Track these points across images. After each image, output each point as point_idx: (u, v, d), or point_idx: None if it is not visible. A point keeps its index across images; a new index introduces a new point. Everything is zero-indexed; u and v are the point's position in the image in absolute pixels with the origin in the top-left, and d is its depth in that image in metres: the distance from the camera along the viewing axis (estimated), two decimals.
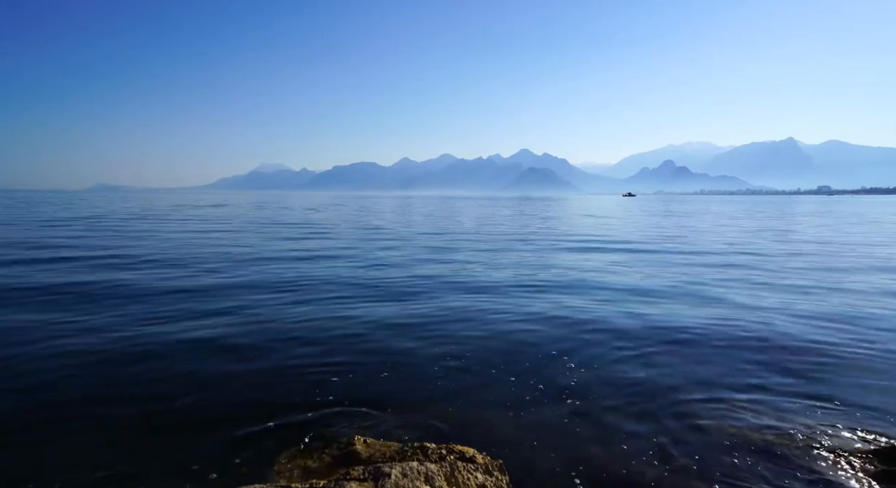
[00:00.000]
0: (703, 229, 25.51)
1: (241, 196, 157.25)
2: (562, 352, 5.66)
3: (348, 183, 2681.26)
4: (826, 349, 5.81)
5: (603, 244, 17.56)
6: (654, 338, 6.17)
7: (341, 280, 9.83)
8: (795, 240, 19.75)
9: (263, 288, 8.92)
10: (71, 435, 3.70)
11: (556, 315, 7.27)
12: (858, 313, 7.52)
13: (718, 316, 7.31)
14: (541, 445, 3.63)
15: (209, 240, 17.35)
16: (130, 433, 3.75)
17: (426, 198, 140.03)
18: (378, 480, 2.65)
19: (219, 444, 3.59)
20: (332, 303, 7.90)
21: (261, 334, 6.16)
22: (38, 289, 8.50)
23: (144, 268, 10.96)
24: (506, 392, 4.55)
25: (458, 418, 4.04)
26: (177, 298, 7.99)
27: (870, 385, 4.79)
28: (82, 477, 3.17)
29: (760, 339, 6.19)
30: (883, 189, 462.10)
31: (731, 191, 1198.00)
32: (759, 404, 4.35)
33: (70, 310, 7.14)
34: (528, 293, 8.81)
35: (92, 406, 4.17)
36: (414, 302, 8.05)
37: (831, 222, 32.23)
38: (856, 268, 12.31)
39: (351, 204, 66.41)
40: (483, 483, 2.81)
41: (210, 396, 4.37)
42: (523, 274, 10.94)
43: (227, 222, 27.62)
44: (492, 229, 24.56)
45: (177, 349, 5.55)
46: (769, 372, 5.11)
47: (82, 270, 10.45)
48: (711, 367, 5.22)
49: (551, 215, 40.02)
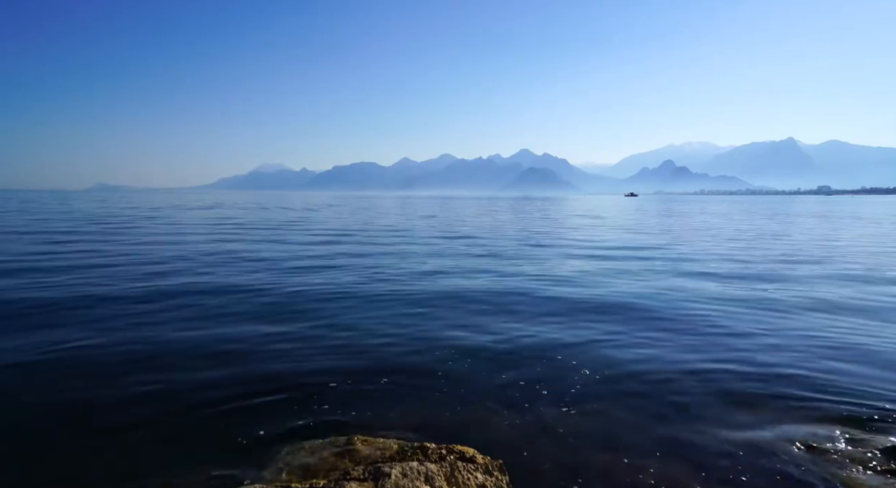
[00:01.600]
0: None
1: (240, 196, 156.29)
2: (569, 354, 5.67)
3: (348, 183, 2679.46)
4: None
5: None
6: (653, 329, 6.20)
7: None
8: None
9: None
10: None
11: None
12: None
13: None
14: (541, 445, 3.62)
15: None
16: (131, 431, 3.76)
17: (440, 198, 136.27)
18: (378, 480, 2.65)
19: (218, 444, 3.59)
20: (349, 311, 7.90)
21: (261, 334, 6.17)
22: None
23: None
24: (506, 392, 4.56)
25: (458, 418, 4.04)
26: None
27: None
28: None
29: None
30: (883, 189, 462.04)
31: (731, 191, 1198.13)
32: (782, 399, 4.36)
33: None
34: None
35: (116, 411, 4.18)
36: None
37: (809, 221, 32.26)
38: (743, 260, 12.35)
39: (384, 204, 63.73)
40: (483, 483, 2.80)
41: (209, 395, 4.37)
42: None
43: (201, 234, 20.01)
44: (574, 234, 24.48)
45: (174, 349, 5.56)
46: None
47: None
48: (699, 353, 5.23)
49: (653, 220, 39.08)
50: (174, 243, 16.10)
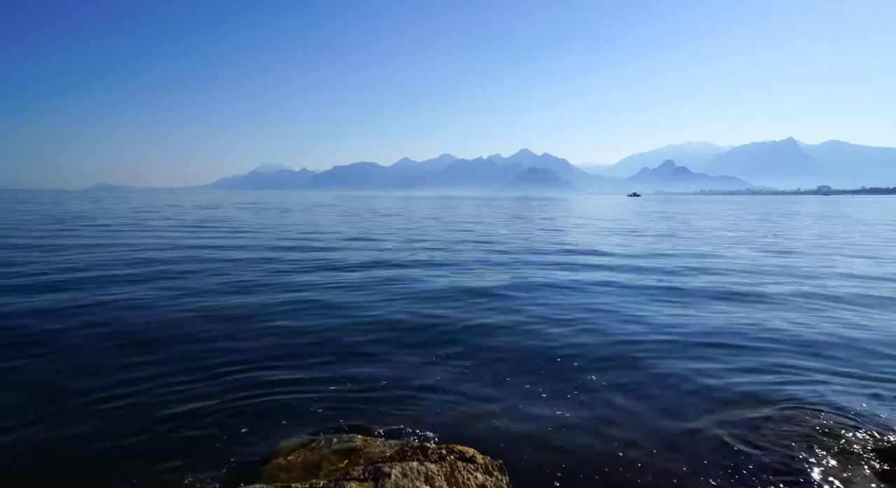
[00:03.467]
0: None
1: (240, 196, 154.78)
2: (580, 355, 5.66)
3: (348, 183, 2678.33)
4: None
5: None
6: (651, 329, 6.19)
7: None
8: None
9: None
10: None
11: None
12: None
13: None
14: (541, 445, 3.63)
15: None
16: (130, 430, 3.76)
17: (438, 198, 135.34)
18: (378, 480, 2.65)
19: (218, 443, 3.59)
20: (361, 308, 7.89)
21: (259, 335, 6.17)
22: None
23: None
24: (506, 392, 4.56)
25: (459, 418, 4.04)
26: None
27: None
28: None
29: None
30: (883, 189, 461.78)
31: (731, 191, 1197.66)
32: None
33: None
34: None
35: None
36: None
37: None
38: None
39: (402, 206, 60.55)
40: (483, 483, 2.80)
41: (208, 395, 4.37)
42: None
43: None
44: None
45: (176, 337, 5.56)
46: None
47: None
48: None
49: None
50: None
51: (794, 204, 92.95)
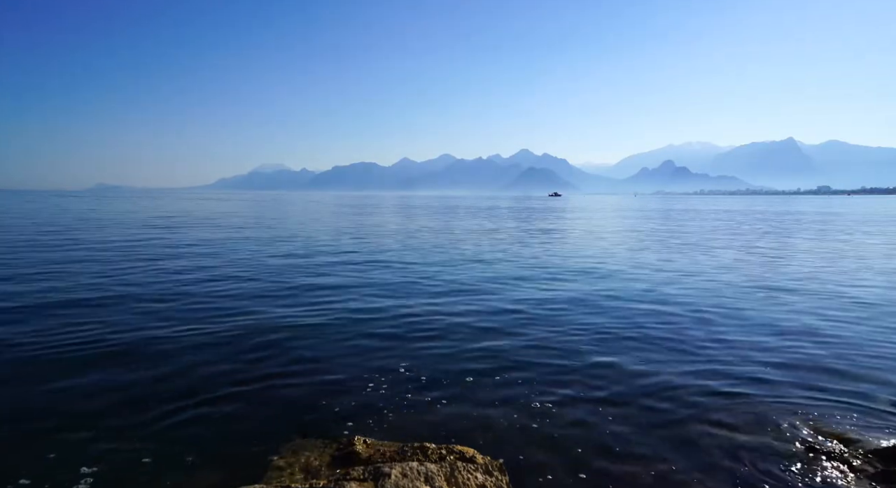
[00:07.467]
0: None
1: (239, 196, 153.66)
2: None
3: (348, 183, 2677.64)
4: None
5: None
6: (653, 322, 6.19)
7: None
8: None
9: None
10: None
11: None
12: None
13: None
14: (541, 445, 3.62)
15: None
16: (130, 430, 3.76)
17: (437, 197, 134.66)
18: (378, 480, 2.65)
19: (218, 443, 3.59)
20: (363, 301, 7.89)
21: (259, 337, 6.18)
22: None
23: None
24: (506, 392, 4.56)
25: (458, 418, 4.04)
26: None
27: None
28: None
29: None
30: (883, 189, 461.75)
31: (731, 191, 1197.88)
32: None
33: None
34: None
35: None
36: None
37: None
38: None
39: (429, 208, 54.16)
40: (483, 483, 2.80)
41: (208, 393, 4.37)
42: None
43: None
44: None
45: (171, 346, 5.56)
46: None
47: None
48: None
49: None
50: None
51: (798, 204, 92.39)
